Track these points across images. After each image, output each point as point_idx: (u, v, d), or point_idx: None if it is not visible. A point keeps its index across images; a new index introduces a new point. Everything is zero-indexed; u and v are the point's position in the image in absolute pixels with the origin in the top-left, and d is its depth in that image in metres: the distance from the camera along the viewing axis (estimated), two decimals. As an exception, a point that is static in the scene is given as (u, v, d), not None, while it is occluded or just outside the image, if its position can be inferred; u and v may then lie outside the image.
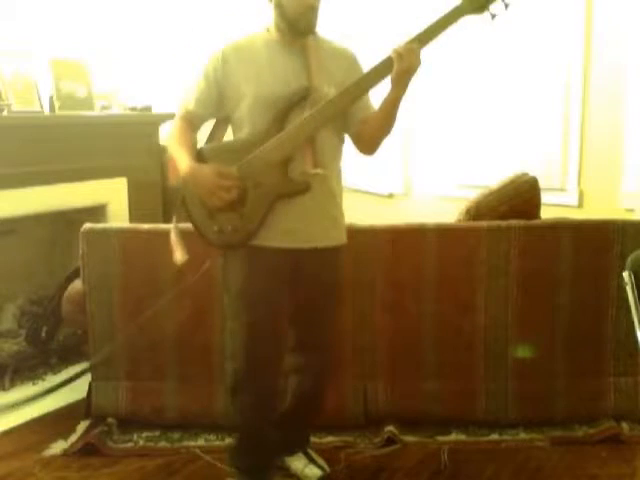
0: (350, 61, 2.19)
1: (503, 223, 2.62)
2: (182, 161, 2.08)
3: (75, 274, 2.90)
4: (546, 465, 2.44)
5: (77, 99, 3.57)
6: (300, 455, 2.38)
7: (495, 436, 2.62)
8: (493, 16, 2.06)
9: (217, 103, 2.15)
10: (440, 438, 2.61)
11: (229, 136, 2.22)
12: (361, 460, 2.47)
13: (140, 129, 3.81)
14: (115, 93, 3.81)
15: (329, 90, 2.06)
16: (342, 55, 2.19)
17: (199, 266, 2.41)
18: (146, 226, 2.72)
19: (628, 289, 1.83)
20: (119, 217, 3.69)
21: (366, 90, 2.09)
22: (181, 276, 2.49)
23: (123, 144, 3.66)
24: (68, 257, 3.49)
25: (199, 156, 2.12)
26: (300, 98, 2.05)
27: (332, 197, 2.15)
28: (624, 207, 3.42)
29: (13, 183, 3.19)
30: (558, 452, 2.51)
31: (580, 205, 3.62)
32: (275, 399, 2.25)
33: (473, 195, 2.83)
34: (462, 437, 2.62)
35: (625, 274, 1.84)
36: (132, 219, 3.70)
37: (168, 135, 2.22)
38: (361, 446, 2.54)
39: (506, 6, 2.04)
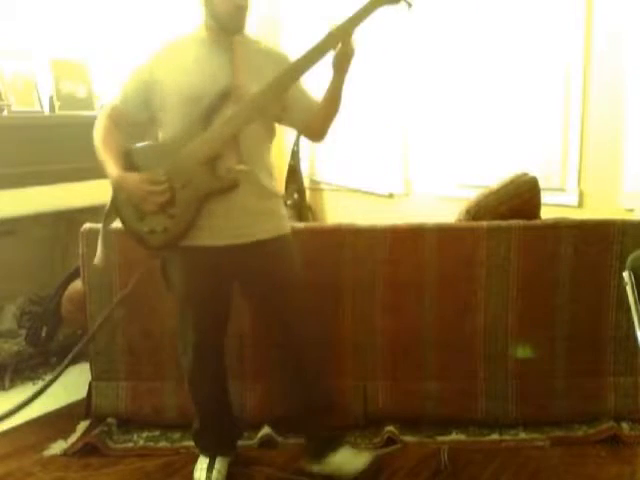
0: (279, 58, 2.19)
1: (503, 223, 2.62)
2: (109, 167, 2.12)
3: (75, 274, 2.90)
4: (546, 465, 2.44)
5: (77, 99, 3.57)
6: (346, 448, 2.37)
7: (495, 436, 2.62)
8: (409, 5, 2.06)
9: (145, 102, 2.16)
10: (440, 438, 2.60)
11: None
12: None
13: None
14: (115, 93, 3.81)
15: (254, 88, 2.07)
16: (270, 53, 2.21)
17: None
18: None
19: (628, 289, 1.83)
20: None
21: (295, 79, 2.10)
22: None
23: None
24: (68, 257, 3.49)
25: (127, 157, 2.15)
26: (224, 96, 2.05)
27: (262, 191, 2.15)
28: (624, 207, 3.42)
29: (13, 183, 3.19)
30: (558, 452, 2.51)
31: (580, 205, 3.61)
32: (224, 390, 2.37)
33: (473, 195, 2.82)
34: (462, 437, 2.62)
35: (625, 274, 1.83)
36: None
37: (94, 133, 2.23)
38: (361, 446, 2.54)
39: None
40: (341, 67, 2.07)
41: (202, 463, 2.35)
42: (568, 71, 3.58)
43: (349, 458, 2.34)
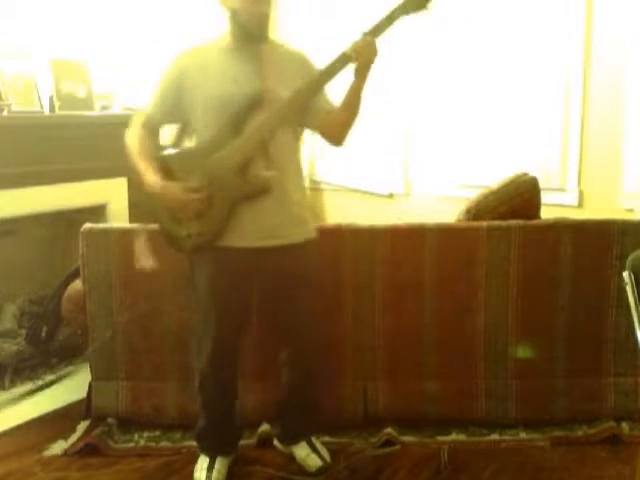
0: (303, 62, 2.25)
1: (503, 223, 2.62)
2: (147, 175, 2.17)
3: (75, 274, 2.90)
4: (546, 465, 2.44)
5: (77, 99, 3.57)
6: (304, 444, 2.43)
7: (495, 436, 2.62)
8: (429, 12, 2.11)
9: (174, 109, 2.23)
10: (440, 438, 2.61)
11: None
12: (361, 460, 2.47)
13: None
14: (115, 93, 3.81)
15: (284, 93, 2.12)
16: (295, 57, 2.27)
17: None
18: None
19: (628, 289, 1.83)
20: (119, 217, 3.69)
21: (321, 87, 2.17)
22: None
23: (123, 144, 3.65)
24: (68, 257, 3.49)
25: (162, 164, 2.19)
26: (254, 101, 2.11)
27: (291, 195, 2.21)
28: (624, 207, 3.42)
29: (13, 183, 3.19)
30: (558, 452, 2.51)
31: (580, 205, 3.61)
32: (236, 388, 2.37)
33: (473, 195, 2.83)
34: (462, 437, 2.62)
35: (625, 274, 1.83)
36: (132, 219, 3.70)
37: (128, 143, 2.27)
38: (360, 446, 2.54)
39: None
40: (361, 73, 2.10)
41: (202, 463, 2.36)
42: (568, 71, 3.58)
43: (303, 456, 2.41)
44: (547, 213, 2.82)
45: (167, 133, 2.35)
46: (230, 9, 2.12)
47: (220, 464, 2.35)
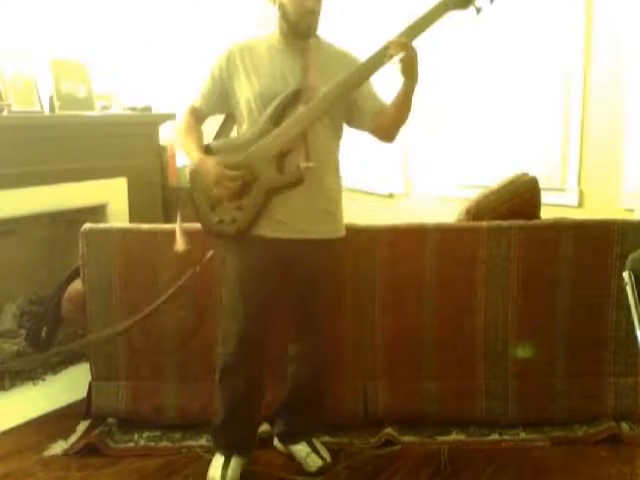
0: (348, 61, 2.25)
1: (503, 223, 2.62)
2: (192, 152, 2.23)
3: (75, 274, 2.90)
4: (546, 465, 2.44)
5: (77, 99, 3.57)
6: (304, 444, 2.43)
7: (495, 436, 2.62)
8: (479, 10, 2.14)
9: (221, 100, 2.28)
10: (440, 438, 2.61)
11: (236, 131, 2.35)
12: (361, 460, 2.47)
13: (140, 129, 3.81)
14: (115, 93, 3.81)
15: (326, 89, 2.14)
16: (342, 57, 2.28)
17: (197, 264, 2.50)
18: (146, 226, 2.72)
19: (628, 289, 1.83)
20: (119, 217, 3.69)
21: (360, 82, 2.17)
22: (180, 274, 2.53)
23: (123, 144, 3.66)
24: (68, 257, 3.49)
25: (207, 152, 2.25)
26: (295, 95, 2.14)
27: (325, 191, 2.24)
28: (624, 207, 3.42)
29: (13, 183, 3.19)
30: (558, 452, 2.51)
31: (580, 205, 3.62)
32: (261, 384, 2.37)
33: (473, 195, 2.83)
34: (462, 437, 2.62)
35: (625, 274, 1.83)
36: (132, 219, 3.70)
37: (176, 129, 2.37)
38: (360, 446, 2.54)
39: (491, 0, 2.10)
40: (408, 73, 2.08)
41: (217, 461, 2.34)
42: (568, 71, 3.58)
43: (303, 456, 2.41)
44: (547, 213, 2.82)
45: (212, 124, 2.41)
46: (279, 5, 2.15)
47: (235, 463, 2.32)
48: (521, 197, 2.73)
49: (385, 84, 2.24)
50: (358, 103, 2.24)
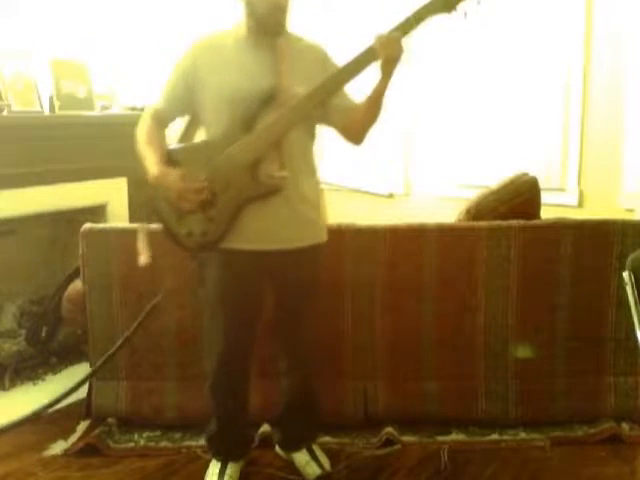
0: (322, 58, 2.16)
1: (503, 223, 2.62)
2: (150, 164, 2.08)
3: (75, 274, 2.90)
4: (546, 465, 2.44)
5: (77, 99, 3.57)
6: (304, 451, 2.40)
7: (495, 436, 2.62)
8: (466, 14, 2.06)
9: (186, 101, 2.14)
10: (440, 438, 2.60)
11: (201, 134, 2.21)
12: (361, 460, 2.47)
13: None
14: (115, 93, 3.81)
15: (300, 90, 2.04)
16: (314, 53, 2.17)
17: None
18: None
19: (628, 289, 1.83)
20: (119, 217, 3.69)
21: (342, 84, 2.08)
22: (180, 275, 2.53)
23: (123, 144, 3.61)
24: (68, 257, 3.49)
25: (169, 157, 2.11)
26: (268, 98, 2.02)
27: (303, 198, 2.12)
28: (624, 207, 3.42)
29: (13, 183, 3.20)
30: (558, 452, 2.51)
31: (580, 205, 3.62)
32: (247, 394, 2.33)
33: (473, 195, 2.83)
34: (462, 437, 2.62)
35: (625, 274, 1.83)
36: (132, 219, 3.70)
37: (137, 134, 2.19)
38: (360, 446, 2.54)
39: (478, 2, 2.03)
40: (386, 70, 2.01)
41: (214, 468, 2.32)
42: (568, 71, 3.58)
43: (303, 464, 2.38)
44: (547, 213, 2.82)
45: (176, 127, 2.28)
46: (246, 1, 2.03)
47: (232, 469, 2.30)
48: (521, 197, 2.73)
49: (356, 86, 2.15)
50: (331, 100, 2.11)
